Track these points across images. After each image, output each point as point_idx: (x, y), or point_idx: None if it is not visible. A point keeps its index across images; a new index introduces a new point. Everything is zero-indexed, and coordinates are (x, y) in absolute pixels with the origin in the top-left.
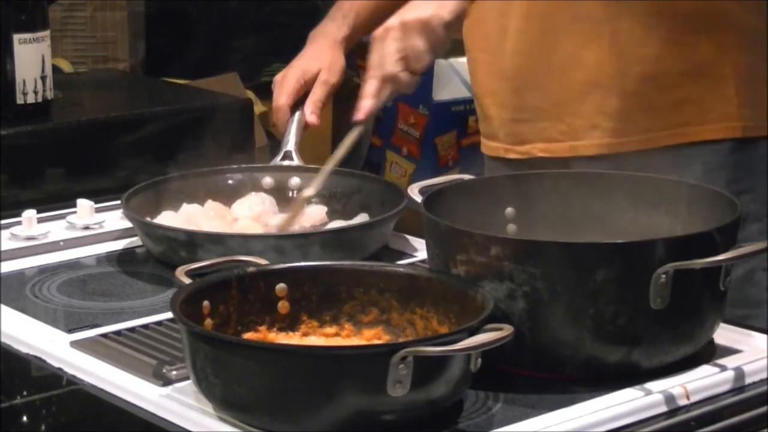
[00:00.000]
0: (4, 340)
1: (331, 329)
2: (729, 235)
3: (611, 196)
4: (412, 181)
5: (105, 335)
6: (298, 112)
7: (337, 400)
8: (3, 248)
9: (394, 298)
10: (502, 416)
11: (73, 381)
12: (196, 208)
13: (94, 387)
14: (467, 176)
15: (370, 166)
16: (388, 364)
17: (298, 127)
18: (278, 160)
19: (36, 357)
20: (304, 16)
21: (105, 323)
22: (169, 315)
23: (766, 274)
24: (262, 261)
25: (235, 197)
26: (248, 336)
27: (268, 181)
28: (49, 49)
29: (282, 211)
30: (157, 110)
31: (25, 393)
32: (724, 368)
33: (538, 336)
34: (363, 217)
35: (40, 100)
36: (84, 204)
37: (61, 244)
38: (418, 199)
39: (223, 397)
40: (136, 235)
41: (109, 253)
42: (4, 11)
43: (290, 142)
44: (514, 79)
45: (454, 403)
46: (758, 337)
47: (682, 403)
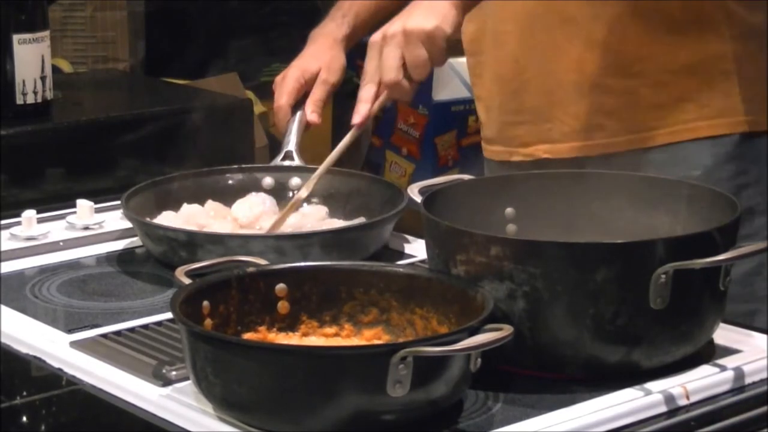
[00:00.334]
0: (3, 341)
1: (330, 329)
2: (729, 235)
3: (611, 196)
4: (412, 181)
5: (105, 335)
6: (299, 112)
7: (337, 400)
8: (3, 248)
9: (394, 298)
10: (502, 416)
11: (72, 381)
12: (196, 208)
13: (94, 387)
14: (467, 176)
15: (370, 166)
16: (388, 364)
17: (299, 127)
18: (279, 160)
19: (36, 357)
20: (304, 16)
21: (105, 323)
22: (169, 315)
23: None
24: (262, 261)
25: (236, 197)
26: (248, 336)
27: (268, 181)
28: (49, 49)
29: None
30: (156, 110)
31: (25, 393)
32: (723, 368)
33: (538, 336)
34: (363, 218)
35: (39, 100)
36: (84, 204)
37: (61, 244)
38: (418, 199)
39: (222, 397)
40: (136, 236)
41: (109, 253)
42: (4, 11)
43: (291, 142)
44: (513, 81)
45: (454, 403)
46: (758, 337)
47: (682, 403)
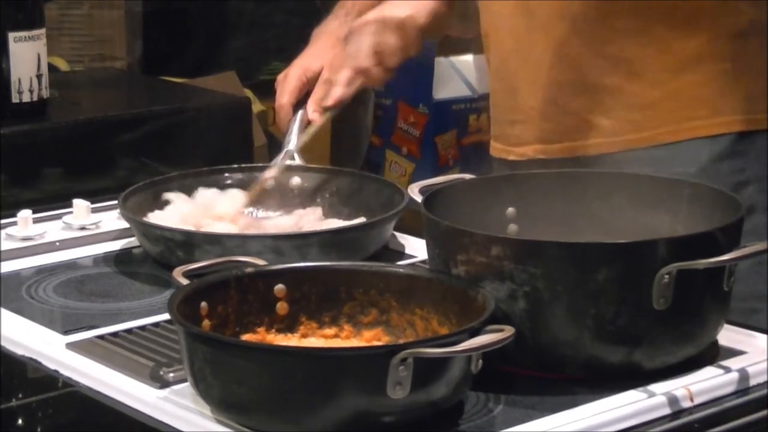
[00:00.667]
0: None
1: (330, 330)
2: (732, 235)
3: (613, 196)
4: (412, 181)
5: (101, 337)
6: (301, 111)
7: (337, 401)
8: None
9: (394, 298)
10: (504, 418)
11: (69, 383)
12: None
13: (91, 389)
14: (468, 176)
15: (370, 166)
16: (388, 366)
17: (300, 127)
18: (279, 160)
19: (32, 359)
20: (303, 14)
21: (101, 324)
22: (167, 316)
23: None
24: (261, 262)
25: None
26: (247, 337)
27: (270, 182)
28: (45, 48)
29: (280, 210)
30: (154, 109)
31: (21, 395)
32: (728, 370)
33: (539, 336)
34: (362, 218)
35: (35, 99)
36: (80, 204)
37: (58, 244)
38: (418, 198)
39: (221, 399)
40: (134, 236)
41: (106, 253)
42: (0, 9)
43: (292, 142)
44: (510, 78)
45: (454, 404)
46: (762, 338)
47: (686, 405)
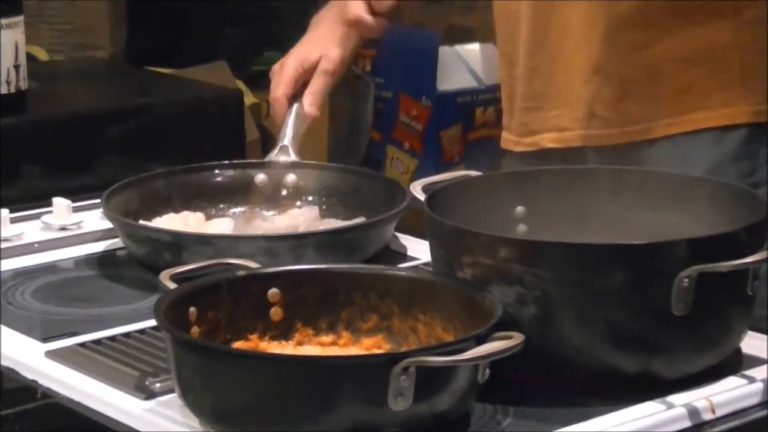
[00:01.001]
0: None
1: (327, 337)
2: (756, 235)
3: (628, 194)
4: (415, 178)
5: (83, 344)
6: (297, 104)
7: (335, 413)
8: None
9: (396, 303)
10: (512, 431)
11: (48, 394)
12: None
13: (71, 400)
14: (474, 173)
15: (370, 162)
16: (389, 375)
17: (296, 120)
18: (273, 156)
19: (9, 368)
20: (298, 1)
21: (83, 331)
22: (153, 322)
23: None
24: (253, 264)
25: (226, 195)
26: (238, 345)
27: (261, 178)
28: (23, 36)
29: (274, 210)
30: (139, 102)
31: None
32: (752, 380)
33: (550, 344)
34: (362, 217)
35: (13, 90)
36: (61, 203)
37: (36, 246)
38: (421, 197)
39: (211, 410)
40: (117, 237)
41: (88, 255)
42: None
43: (287, 136)
44: (523, 64)
45: (460, 416)
46: None
47: (707, 417)
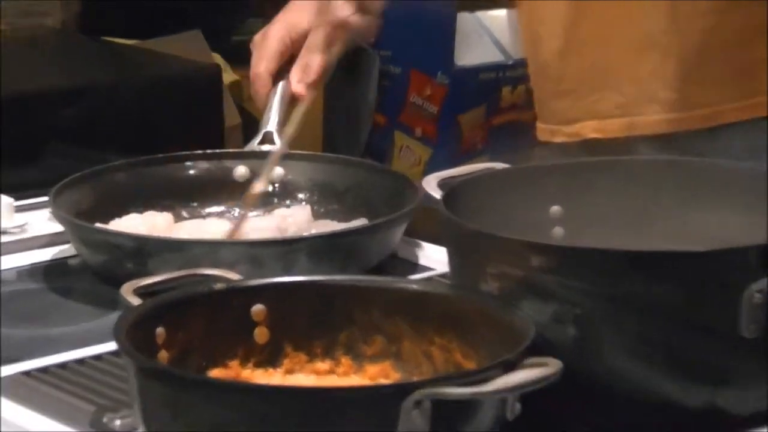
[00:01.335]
0: None
1: (323, 364)
2: None
3: (686, 190)
4: (429, 171)
5: (28, 373)
6: (283, 82)
7: None
8: None
9: (406, 322)
10: None
11: None
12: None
13: None
14: (500, 165)
15: (373, 153)
16: (398, 410)
17: (282, 102)
18: (256, 144)
19: None
20: None
21: (28, 357)
22: (112, 346)
23: None
24: (234, 275)
25: (200, 192)
26: (216, 373)
27: (241, 171)
28: None
29: (258, 210)
30: (96, 79)
31: None
32: None
33: (593, 372)
34: (364, 218)
35: None
36: (1, 202)
37: None
38: (436, 194)
39: None
40: (69, 242)
41: (33, 265)
42: None
43: (272, 121)
44: (559, 39)
45: None
46: None
47: None
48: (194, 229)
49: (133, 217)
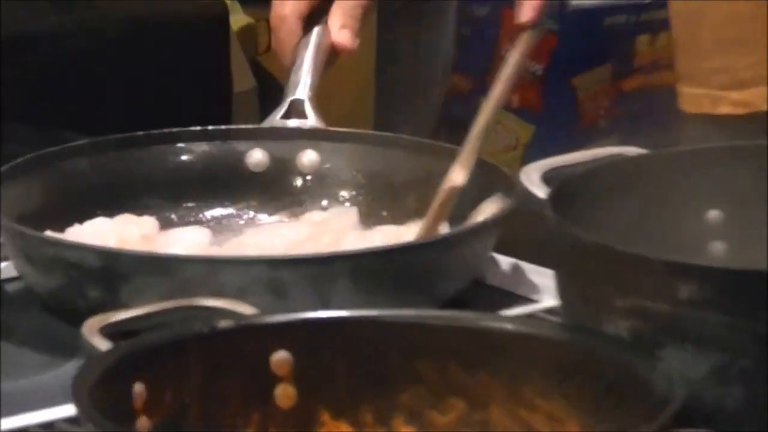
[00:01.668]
0: None
1: None
2: None
3: None
4: (530, 158)
5: None
6: (318, 28)
7: None
8: None
9: (496, 379)
10: None
11: None
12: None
13: None
14: (633, 149)
15: (450, 130)
16: None
17: (317, 57)
18: (278, 118)
19: None
20: None
21: None
22: (70, 410)
23: None
24: (246, 308)
25: (198, 186)
26: None
27: (257, 157)
28: None
29: (281, 212)
30: (60, 24)
31: None
32: None
33: None
34: None
35: None
36: None
37: None
38: (541, 192)
39: None
40: (8, 259)
41: None
42: None
43: (302, 85)
44: None
45: None
46: None
47: None
48: (188, 240)
49: (100, 223)
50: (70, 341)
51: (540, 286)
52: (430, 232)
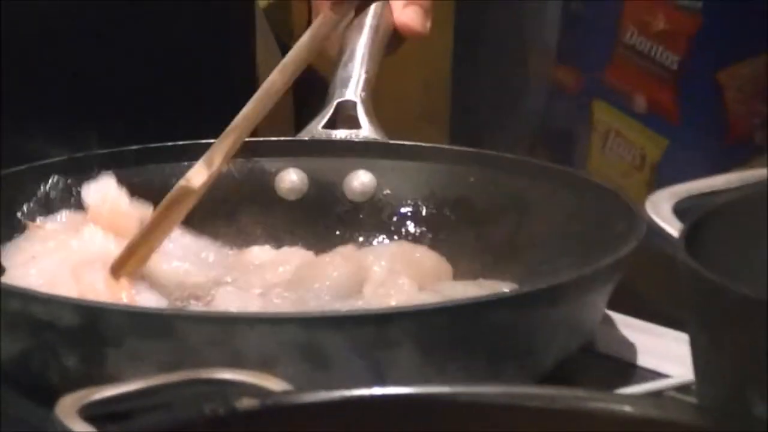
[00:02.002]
0: None
1: None
2: None
3: None
4: (663, 181)
5: None
6: (374, 6)
7: None
8: None
9: None
10: None
11: None
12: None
13: None
14: None
15: (551, 142)
16: None
17: (373, 44)
18: (320, 127)
19: None
20: None
21: None
22: None
23: None
24: (274, 381)
25: (213, 211)
26: None
27: (292, 179)
28: None
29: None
30: (49, 5)
31: None
32: None
33: None
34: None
35: None
36: None
37: None
38: (673, 227)
39: None
40: None
41: None
42: None
43: (353, 82)
44: None
45: None
46: None
47: None
48: (194, 282)
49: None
50: (38, 427)
51: (669, 354)
52: (142, 245)
